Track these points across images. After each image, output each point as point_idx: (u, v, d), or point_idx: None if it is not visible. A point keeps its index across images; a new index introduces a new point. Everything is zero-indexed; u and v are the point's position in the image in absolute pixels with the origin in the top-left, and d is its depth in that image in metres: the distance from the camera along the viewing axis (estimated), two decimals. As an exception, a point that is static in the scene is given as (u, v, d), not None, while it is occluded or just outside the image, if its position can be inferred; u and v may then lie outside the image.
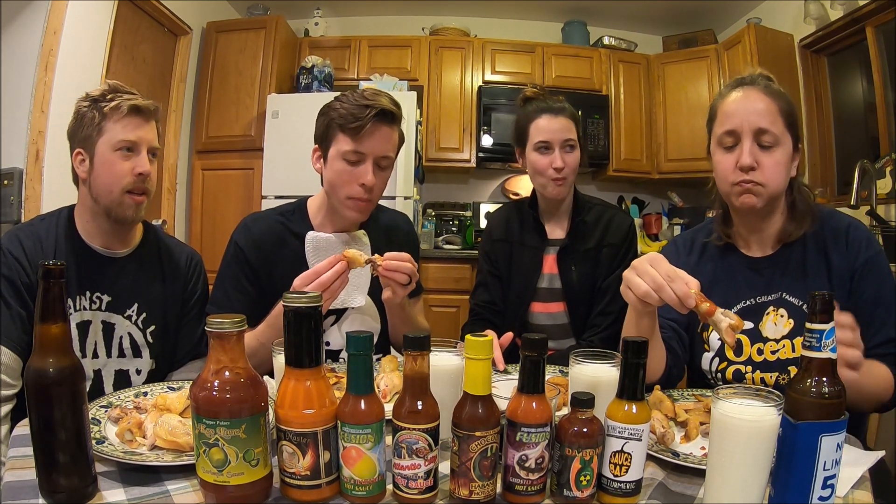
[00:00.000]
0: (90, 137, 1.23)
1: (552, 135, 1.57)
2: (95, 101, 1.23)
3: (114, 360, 1.28)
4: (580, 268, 1.62)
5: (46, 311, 0.73)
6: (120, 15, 2.84)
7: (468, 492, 0.72)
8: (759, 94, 1.13)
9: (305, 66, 3.58)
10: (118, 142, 1.22)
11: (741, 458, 0.70)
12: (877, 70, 2.92)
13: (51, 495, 0.72)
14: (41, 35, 2.40)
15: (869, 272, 1.11)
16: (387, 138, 1.31)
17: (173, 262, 1.41)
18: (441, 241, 3.77)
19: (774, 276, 1.18)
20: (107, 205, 1.25)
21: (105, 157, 1.23)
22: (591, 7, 3.95)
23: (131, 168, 1.24)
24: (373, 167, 1.30)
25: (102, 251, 1.29)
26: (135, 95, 1.25)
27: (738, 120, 1.13)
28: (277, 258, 1.38)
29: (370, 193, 1.32)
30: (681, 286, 0.89)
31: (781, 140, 1.12)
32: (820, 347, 0.69)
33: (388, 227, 1.54)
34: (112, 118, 1.22)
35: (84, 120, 1.23)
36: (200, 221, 3.61)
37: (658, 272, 0.92)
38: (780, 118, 1.12)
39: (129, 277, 1.32)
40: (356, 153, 1.29)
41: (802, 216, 1.17)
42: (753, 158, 1.11)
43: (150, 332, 1.33)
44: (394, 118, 1.31)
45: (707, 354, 1.23)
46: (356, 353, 0.74)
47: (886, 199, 2.74)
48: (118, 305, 1.29)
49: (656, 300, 0.91)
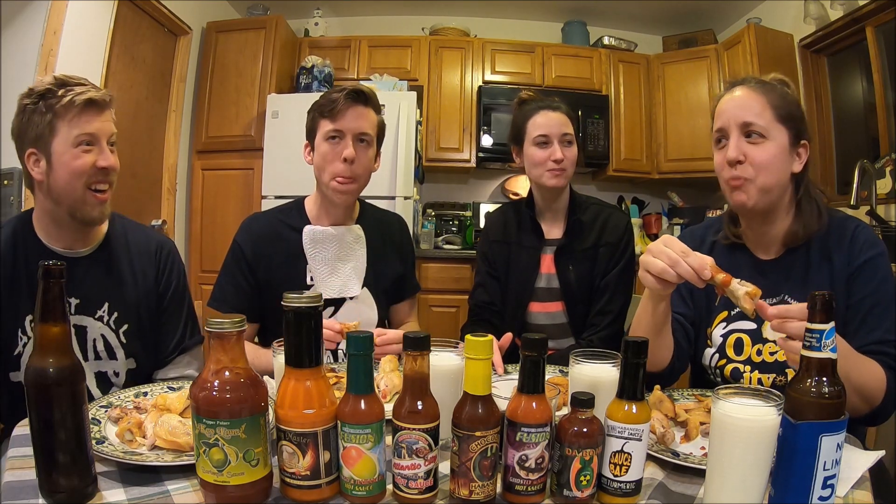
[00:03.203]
0: (42, 137, 1.14)
1: (550, 129, 1.60)
2: (42, 96, 1.13)
3: (91, 363, 1.23)
4: (578, 267, 1.63)
5: (46, 311, 0.73)
6: (120, 15, 2.84)
7: (468, 492, 0.72)
8: (747, 90, 1.15)
9: (305, 66, 3.58)
10: (76, 136, 1.14)
11: (741, 458, 0.70)
12: (877, 70, 2.92)
13: (51, 495, 0.72)
14: (41, 35, 2.40)
15: (867, 272, 1.10)
16: (362, 115, 1.42)
17: (143, 255, 1.34)
18: (441, 241, 3.78)
19: (779, 278, 1.18)
20: (70, 205, 1.17)
21: (63, 155, 1.14)
22: (591, 7, 3.95)
23: (93, 162, 1.16)
24: (353, 143, 1.41)
25: (65, 252, 1.22)
26: (85, 86, 1.16)
27: (727, 117, 1.15)
28: (275, 251, 1.48)
29: (353, 170, 1.41)
30: (696, 259, 0.93)
31: (770, 133, 1.12)
32: (820, 347, 0.69)
33: (383, 227, 1.60)
34: (65, 116, 1.13)
35: (33, 118, 1.13)
36: (200, 221, 3.60)
37: (673, 249, 0.95)
38: (770, 111, 1.12)
39: (97, 277, 1.25)
40: (335, 131, 1.41)
41: (809, 217, 1.16)
42: (739, 151, 1.12)
43: (124, 332, 1.27)
44: (366, 98, 1.43)
45: (709, 350, 1.24)
46: (356, 353, 0.74)
47: (886, 199, 2.74)
48: (88, 307, 1.23)
49: (673, 276, 0.94)
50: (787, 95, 1.15)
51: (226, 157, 3.59)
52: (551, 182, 1.60)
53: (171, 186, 3.48)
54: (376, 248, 1.55)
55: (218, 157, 3.60)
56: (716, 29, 3.97)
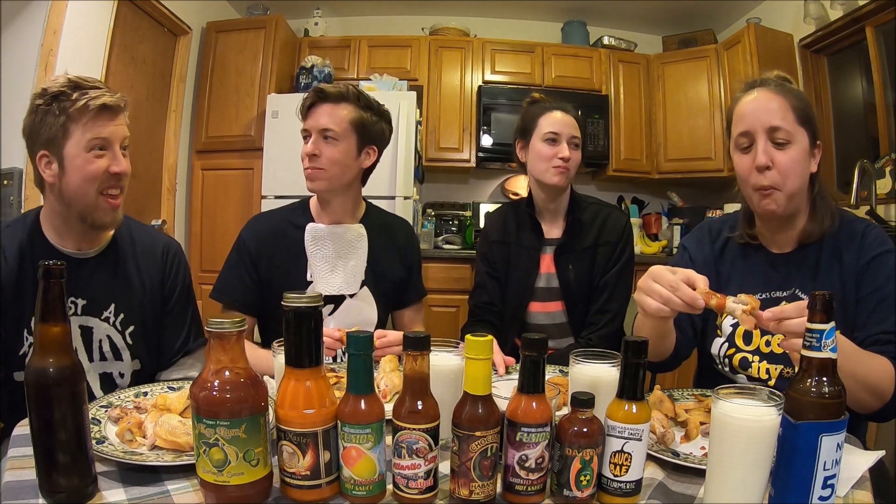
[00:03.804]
0: (55, 140, 1.13)
1: (563, 128, 1.62)
2: (56, 98, 1.13)
3: (96, 364, 1.23)
4: (577, 266, 1.63)
5: (46, 311, 0.73)
6: (120, 15, 2.83)
7: (468, 492, 0.72)
8: (770, 93, 1.14)
9: (305, 66, 3.58)
10: (89, 141, 1.14)
11: (741, 458, 0.70)
12: (876, 70, 2.92)
13: (51, 495, 0.72)
14: (41, 35, 2.40)
15: (875, 267, 1.11)
16: (326, 113, 1.45)
17: (149, 256, 1.34)
18: (441, 241, 3.77)
19: (790, 272, 1.20)
20: (81, 209, 1.17)
21: (76, 159, 1.14)
22: (590, 7, 3.95)
23: (106, 167, 1.16)
24: (317, 138, 1.45)
25: (73, 253, 1.22)
26: (100, 90, 1.15)
27: (751, 120, 1.14)
28: (278, 248, 1.50)
29: (319, 161, 1.45)
30: (685, 292, 0.93)
31: (795, 136, 1.12)
32: (820, 347, 0.69)
33: (387, 230, 1.61)
34: (79, 120, 1.13)
35: (46, 120, 1.13)
36: (200, 221, 3.60)
37: (662, 286, 0.95)
38: (792, 114, 1.12)
39: (104, 277, 1.25)
40: (305, 130, 1.48)
41: (823, 215, 1.17)
42: (768, 157, 1.12)
43: (130, 334, 1.27)
44: (328, 96, 1.45)
45: (718, 339, 1.25)
46: (356, 353, 0.74)
47: (886, 199, 2.74)
48: (94, 308, 1.23)
49: (668, 312, 0.96)
50: (801, 96, 1.15)
51: (226, 157, 3.58)
52: (554, 179, 1.61)
53: (171, 186, 3.47)
54: (377, 250, 1.55)
55: (218, 157, 3.60)
56: (716, 29, 3.96)
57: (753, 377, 1.18)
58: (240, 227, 1.55)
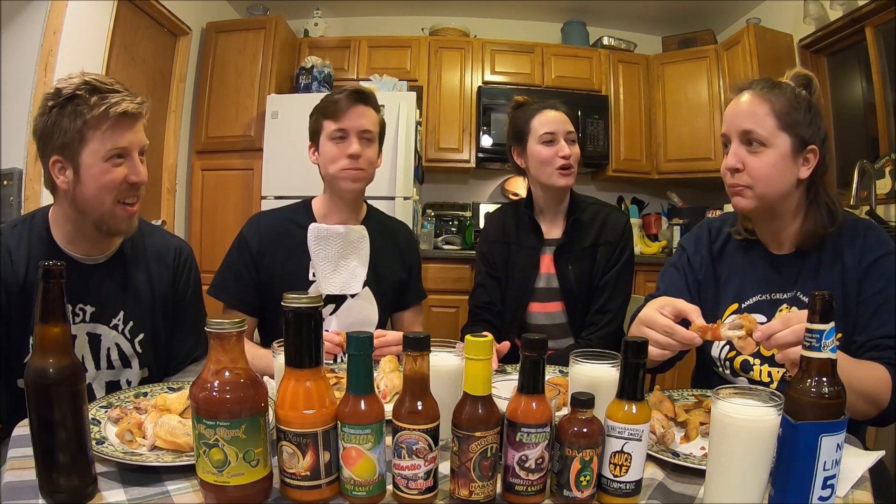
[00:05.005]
0: (70, 146, 1.07)
1: (557, 125, 1.61)
2: (71, 99, 1.06)
3: (103, 372, 1.20)
4: (577, 267, 1.63)
5: (46, 311, 0.73)
6: (120, 15, 2.83)
7: (468, 492, 0.72)
8: (751, 96, 1.14)
9: (305, 66, 3.58)
10: (108, 150, 1.09)
11: (741, 458, 0.70)
12: (876, 70, 2.92)
13: (51, 495, 0.72)
14: (41, 35, 2.40)
15: (877, 270, 1.11)
16: (363, 114, 1.46)
17: (160, 260, 1.30)
18: (441, 241, 3.78)
19: (791, 274, 1.19)
20: (97, 218, 1.13)
21: (92, 168, 1.08)
22: (590, 7, 3.95)
23: (124, 176, 1.11)
24: (357, 140, 1.45)
25: (83, 259, 1.18)
26: (119, 93, 1.09)
27: (727, 123, 1.17)
28: (280, 247, 1.51)
29: (360, 162, 1.45)
30: (681, 335, 0.96)
31: (772, 141, 1.11)
32: (820, 347, 0.69)
33: (388, 232, 1.62)
34: (97, 127, 1.07)
35: (60, 123, 1.06)
36: (200, 222, 3.60)
37: (656, 331, 0.98)
38: (772, 119, 1.11)
39: (114, 284, 1.21)
40: (339, 130, 1.45)
41: (817, 222, 1.16)
42: (738, 159, 1.14)
43: (139, 342, 1.24)
44: (367, 98, 1.48)
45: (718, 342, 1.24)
46: (356, 354, 0.74)
47: (886, 199, 2.74)
48: (103, 315, 1.19)
49: (669, 355, 1.00)
50: (796, 100, 1.13)
51: (225, 157, 3.58)
52: (561, 182, 1.60)
53: (171, 186, 3.47)
54: (378, 251, 1.56)
55: (217, 157, 3.60)
56: (715, 29, 3.97)
57: (755, 380, 1.18)
58: (240, 227, 1.55)
